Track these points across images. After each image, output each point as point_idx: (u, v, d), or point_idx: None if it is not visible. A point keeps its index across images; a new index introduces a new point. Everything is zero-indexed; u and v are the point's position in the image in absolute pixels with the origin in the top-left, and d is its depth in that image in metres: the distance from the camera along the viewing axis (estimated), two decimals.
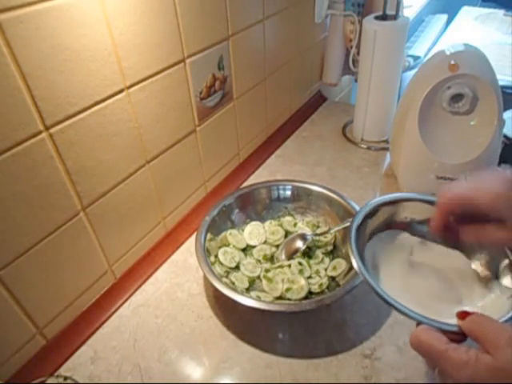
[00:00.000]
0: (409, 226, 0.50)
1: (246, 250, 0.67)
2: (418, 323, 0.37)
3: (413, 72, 0.75)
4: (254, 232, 0.68)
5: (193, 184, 0.75)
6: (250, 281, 0.61)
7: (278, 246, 0.67)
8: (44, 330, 0.54)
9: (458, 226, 0.43)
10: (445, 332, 0.35)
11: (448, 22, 1.82)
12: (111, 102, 0.53)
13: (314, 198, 0.71)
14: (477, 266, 0.45)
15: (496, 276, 0.43)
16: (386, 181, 0.83)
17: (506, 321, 0.36)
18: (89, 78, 0.49)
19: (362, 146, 0.94)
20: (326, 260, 0.64)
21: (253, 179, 0.85)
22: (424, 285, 0.44)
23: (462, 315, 0.35)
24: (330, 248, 0.66)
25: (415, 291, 0.43)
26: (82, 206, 0.53)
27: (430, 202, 0.48)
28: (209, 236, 0.63)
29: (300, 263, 0.62)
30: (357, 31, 0.95)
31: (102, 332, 0.58)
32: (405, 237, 0.50)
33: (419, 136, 0.70)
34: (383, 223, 0.50)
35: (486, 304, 0.41)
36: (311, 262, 0.63)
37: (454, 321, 0.36)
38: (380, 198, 0.50)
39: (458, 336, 0.35)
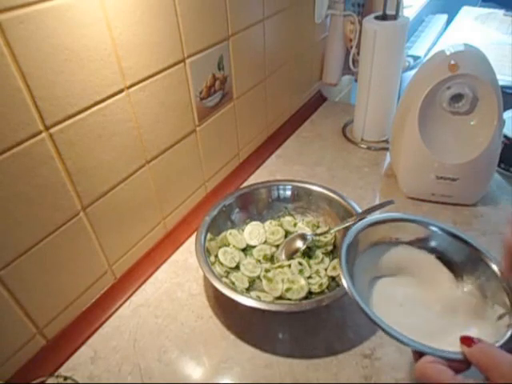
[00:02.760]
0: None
1: (246, 250, 0.67)
2: (419, 352, 0.35)
3: (413, 72, 0.75)
4: (254, 232, 0.68)
5: (193, 184, 0.75)
6: (250, 281, 0.61)
7: (277, 246, 0.67)
8: (44, 330, 0.54)
9: None
10: (447, 360, 0.34)
11: (448, 22, 1.82)
12: (111, 101, 0.53)
13: (314, 198, 0.71)
14: (468, 288, 0.44)
15: (486, 296, 0.42)
16: (386, 181, 0.83)
17: (503, 344, 0.35)
18: (89, 77, 0.49)
19: (362, 146, 0.94)
20: (326, 260, 0.64)
21: (253, 179, 0.85)
22: (416, 315, 0.43)
23: (468, 342, 0.34)
24: (329, 248, 0.66)
25: (408, 321, 0.42)
26: (82, 206, 0.53)
27: (419, 223, 0.48)
28: (209, 236, 0.63)
29: (300, 263, 0.62)
30: (357, 31, 0.95)
31: (101, 332, 0.58)
32: (393, 258, 0.49)
33: (419, 136, 0.70)
34: (371, 243, 0.49)
35: (481, 328, 0.40)
36: (311, 261, 0.63)
37: (452, 347, 0.35)
38: (369, 219, 0.49)
39: (462, 364, 0.34)
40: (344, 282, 0.41)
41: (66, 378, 0.46)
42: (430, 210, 0.75)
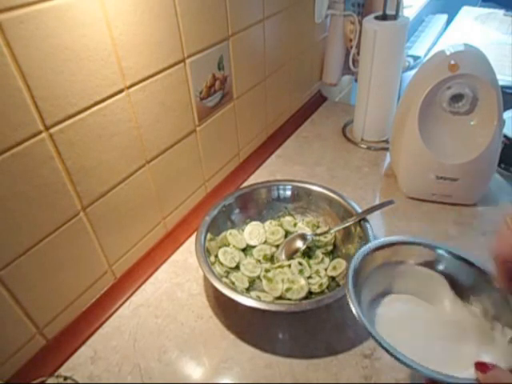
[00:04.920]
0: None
1: (246, 250, 0.67)
2: (432, 379, 0.35)
3: (413, 72, 0.75)
4: (254, 232, 0.68)
5: (193, 184, 0.75)
6: (250, 281, 0.61)
7: (277, 246, 0.67)
8: (44, 330, 0.54)
9: None
10: None
11: (448, 22, 1.82)
12: (111, 101, 0.53)
13: (314, 198, 0.71)
14: (476, 311, 0.44)
15: (495, 319, 0.42)
16: (386, 181, 0.83)
17: None
18: (89, 77, 0.49)
19: (362, 146, 0.94)
20: (326, 260, 0.64)
21: (253, 179, 0.85)
22: (425, 338, 0.43)
23: (483, 368, 0.34)
24: (330, 248, 0.66)
25: (416, 345, 0.41)
26: (82, 205, 0.53)
27: (425, 245, 0.48)
28: (209, 236, 0.63)
29: (300, 263, 0.62)
30: (357, 31, 0.95)
31: (101, 332, 0.58)
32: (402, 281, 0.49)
33: (419, 136, 0.70)
34: (377, 266, 0.49)
35: (492, 352, 0.40)
36: (311, 262, 0.63)
37: (462, 371, 0.35)
38: (374, 242, 0.49)
39: None
40: (353, 309, 0.42)
41: (66, 378, 0.46)
42: (430, 210, 0.75)
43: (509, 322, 0.41)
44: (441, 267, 0.48)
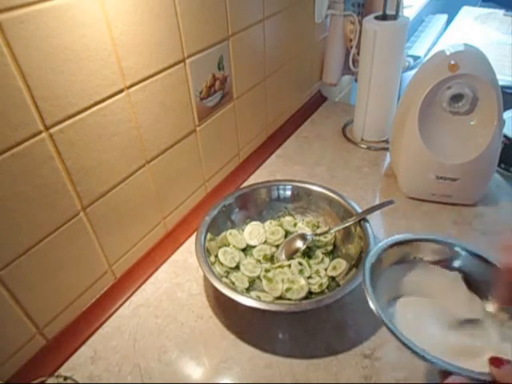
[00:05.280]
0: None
1: (246, 250, 0.67)
2: (445, 372, 0.35)
3: (413, 72, 0.75)
4: (254, 232, 0.68)
5: (193, 184, 0.75)
6: (250, 281, 0.61)
7: (277, 246, 0.67)
8: (44, 330, 0.54)
9: None
10: (475, 380, 0.34)
11: (448, 22, 1.82)
12: (111, 101, 0.53)
13: (314, 198, 0.71)
14: (494, 308, 0.44)
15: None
16: (386, 181, 0.83)
17: None
18: (89, 77, 0.49)
19: (362, 146, 0.94)
20: (326, 260, 0.64)
21: (253, 179, 0.85)
22: (439, 335, 0.43)
23: (497, 363, 0.34)
24: (329, 248, 0.66)
25: (430, 342, 0.41)
26: (82, 205, 0.53)
27: (442, 243, 0.48)
28: (209, 236, 0.63)
29: (300, 263, 0.62)
30: (357, 31, 0.95)
31: (101, 332, 0.58)
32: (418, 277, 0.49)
33: (419, 136, 0.70)
34: (393, 262, 0.49)
35: (509, 349, 0.40)
36: (311, 262, 0.63)
37: (480, 369, 0.35)
38: (391, 239, 0.49)
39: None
40: (372, 305, 0.42)
41: (66, 378, 0.46)
42: (430, 210, 0.75)
43: None
44: (457, 264, 0.48)
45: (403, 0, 0.97)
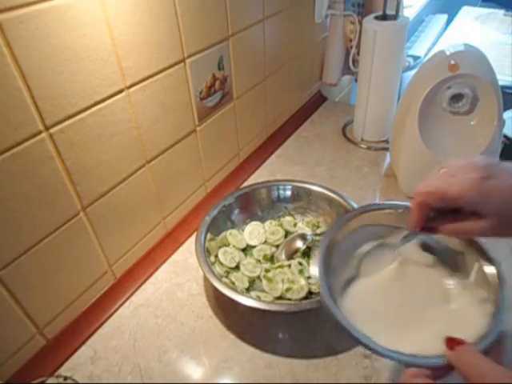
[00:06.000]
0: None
1: (246, 250, 0.67)
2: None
3: (413, 72, 0.75)
4: (254, 232, 0.68)
5: (193, 184, 0.75)
6: (250, 281, 0.61)
7: (277, 246, 0.67)
8: (44, 330, 0.54)
9: (440, 221, 0.41)
10: (431, 368, 0.33)
11: (448, 22, 1.82)
12: (111, 101, 0.53)
13: (314, 198, 0.71)
14: (452, 280, 0.43)
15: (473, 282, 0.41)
16: (386, 181, 0.83)
17: (487, 345, 0.34)
18: (89, 77, 0.49)
19: (362, 146, 0.94)
20: None
21: (253, 179, 0.85)
22: (395, 304, 0.42)
23: (451, 344, 0.33)
24: None
25: (384, 312, 0.40)
26: (82, 205, 0.53)
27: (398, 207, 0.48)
28: (209, 236, 0.63)
29: (300, 263, 0.62)
30: (357, 31, 0.95)
31: (101, 332, 0.58)
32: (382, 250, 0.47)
33: (419, 136, 0.70)
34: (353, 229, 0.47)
35: (464, 303, 0.39)
36: (311, 261, 0.63)
37: (432, 345, 0.34)
38: (349, 213, 0.48)
39: (446, 367, 0.33)
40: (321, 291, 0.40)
41: (66, 378, 0.47)
42: None
43: (484, 284, 0.40)
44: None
45: (403, 0, 0.97)
